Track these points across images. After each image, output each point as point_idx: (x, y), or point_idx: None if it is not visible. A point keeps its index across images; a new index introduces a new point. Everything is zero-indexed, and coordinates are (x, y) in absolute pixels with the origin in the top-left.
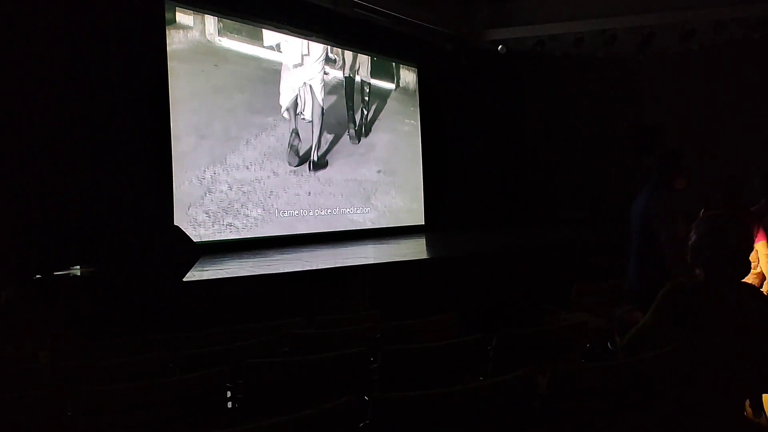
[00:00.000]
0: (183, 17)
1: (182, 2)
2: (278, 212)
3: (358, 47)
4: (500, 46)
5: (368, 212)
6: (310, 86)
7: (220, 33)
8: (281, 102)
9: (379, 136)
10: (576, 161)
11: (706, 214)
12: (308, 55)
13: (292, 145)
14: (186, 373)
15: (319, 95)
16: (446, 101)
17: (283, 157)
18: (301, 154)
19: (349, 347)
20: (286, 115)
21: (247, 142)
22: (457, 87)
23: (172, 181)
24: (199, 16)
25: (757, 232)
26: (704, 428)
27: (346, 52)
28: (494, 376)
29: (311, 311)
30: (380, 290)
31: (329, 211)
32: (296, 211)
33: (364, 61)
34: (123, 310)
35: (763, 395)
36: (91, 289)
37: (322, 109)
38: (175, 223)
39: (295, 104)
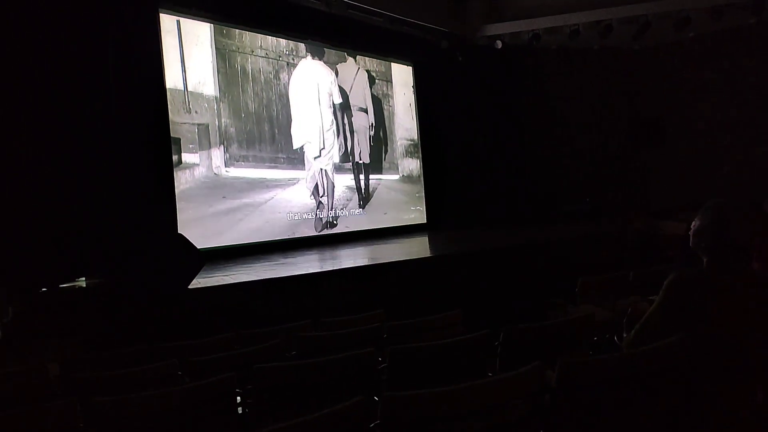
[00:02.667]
0: (189, 156)
1: (179, 12)
2: (282, 215)
3: (352, 48)
4: (496, 41)
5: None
6: (326, 171)
7: (227, 164)
8: (308, 185)
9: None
10: (576, 154)
11: (711, 201)
12: (324, 148)
13: (316, 216)
14: (195, 380)
15: (332, 176)
16: (443, 99)
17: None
18: (322, 221)
19: (356, 348)
20: (311, 198)
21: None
22: (454, 84)
23: (174, 189)
24: (205, 152)
25: None
26: (714, 416)
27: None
28: (502, 371)
29: (317, 313)
30: (386, 290)
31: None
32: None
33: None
34: (130, 319)
35: None
36: (98, 300)
37: (333, 185)
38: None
39: (316, 185)
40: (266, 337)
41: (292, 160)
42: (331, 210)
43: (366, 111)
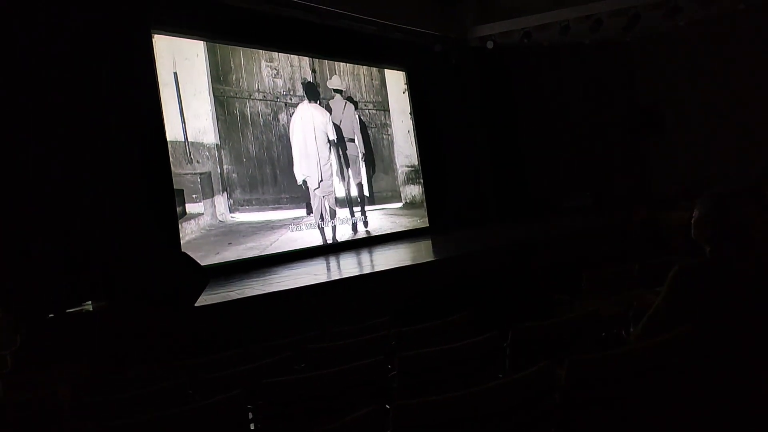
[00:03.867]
0: (193, 206)
1: (172, 32)
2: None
3: (346, 58)
4: (488, 42)
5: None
6: (327, 199)
7: (231, 210)
8: (314, 213)
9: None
10: (575, 149)
11: (708, 191)
12: (322, 180)
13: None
14: (205, 398)
15: (333, 204)
16: (439, 101)
17: None
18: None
19: (365, 357)
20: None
21: None
22: (449, 86)
23: (176, 210)
24: (208, 200)
25: None
26: (727, 403)
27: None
28: (512, 372)
29: (325, 324)
30: (392, 296)
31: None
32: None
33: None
34: (138, 341)
35: None
36: (105, 323)
37: (335, 212)
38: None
39: (321, 215)
40: (275, 351)
41: (296, 200)
42: (335, 234)
43: (354, 141)
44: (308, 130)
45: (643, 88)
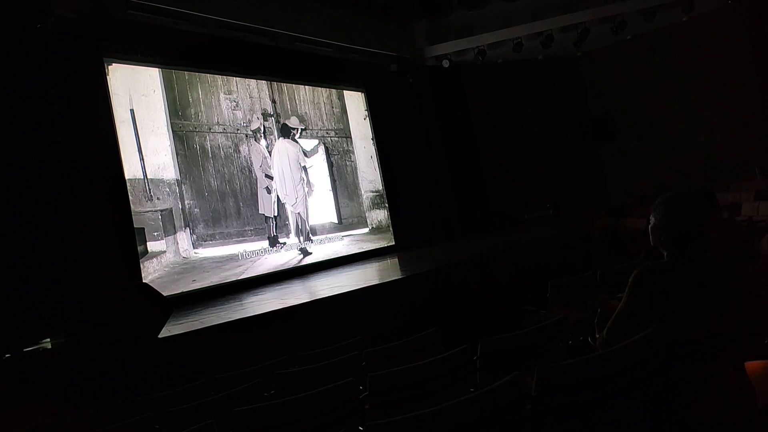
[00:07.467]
0: (154, 245)
1: (125, 59)
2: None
3: (304, 80)
4: (444, 61)
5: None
6: (299, 213)
7: (194, 245)
8: (292, 230)
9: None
10: (533, 162)
11: (661, 197)
12: (297, 197)
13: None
14: None
15: (305, 217)
16: (398, 121)
17: None
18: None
19: (335, 379)
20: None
21: None
22: (408, 106)
23: (137, 248)
24: (170, 237)
25: None
26: (693, 402)
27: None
28: (483, 385)
29: (294, 348)
30: (361, 316)
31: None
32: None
33: None
34: (101, 376)
35: (745, 363)
36: (66, 361)
37: (306, 222)
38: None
39: (297, 224)
40: (243, 379)
41: (260, 231)
42: (307, 238)
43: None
44: (284, 160)
45: (595, 99)
